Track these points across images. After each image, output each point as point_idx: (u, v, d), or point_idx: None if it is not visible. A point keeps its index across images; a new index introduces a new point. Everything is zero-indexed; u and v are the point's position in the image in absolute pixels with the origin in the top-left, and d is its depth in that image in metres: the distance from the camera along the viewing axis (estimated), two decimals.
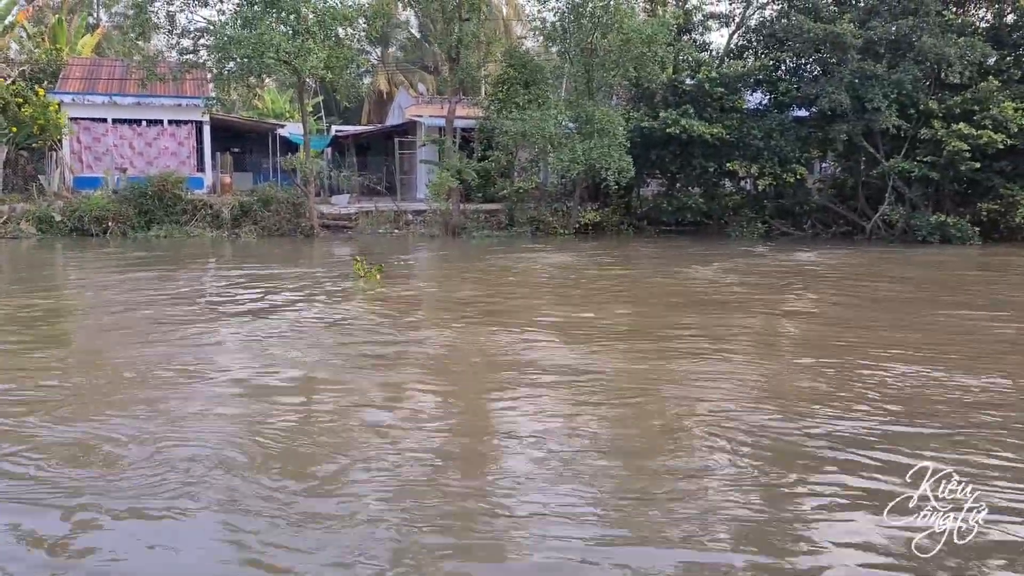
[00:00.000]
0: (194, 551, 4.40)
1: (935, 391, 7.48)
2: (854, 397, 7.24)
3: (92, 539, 4.57)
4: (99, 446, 5.83)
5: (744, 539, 4.53)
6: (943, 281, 16.81)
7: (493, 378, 8.10)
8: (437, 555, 4.35)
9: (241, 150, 34.59)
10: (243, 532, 4.58)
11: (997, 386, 7.68)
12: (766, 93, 27.06)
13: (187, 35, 23.28)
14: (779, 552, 4.39)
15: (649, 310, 12.48)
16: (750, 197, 27.88)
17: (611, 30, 24.25)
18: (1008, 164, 23.68)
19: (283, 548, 4.39)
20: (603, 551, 4.39)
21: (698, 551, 4.43)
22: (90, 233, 23.74)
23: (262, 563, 4.27)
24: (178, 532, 4.58)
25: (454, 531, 4.63)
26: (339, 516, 4.75)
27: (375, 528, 4.61)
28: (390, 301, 12.87)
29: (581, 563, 4.27)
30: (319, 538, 4.49)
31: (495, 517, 4.83)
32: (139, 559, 4.34)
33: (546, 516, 4.78)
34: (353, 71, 27.37)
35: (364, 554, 4.33)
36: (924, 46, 23.44)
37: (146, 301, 12.58)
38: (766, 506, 4.94)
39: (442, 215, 25.90)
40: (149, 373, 7.89)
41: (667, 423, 6.59)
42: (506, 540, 4.58)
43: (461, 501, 5.01)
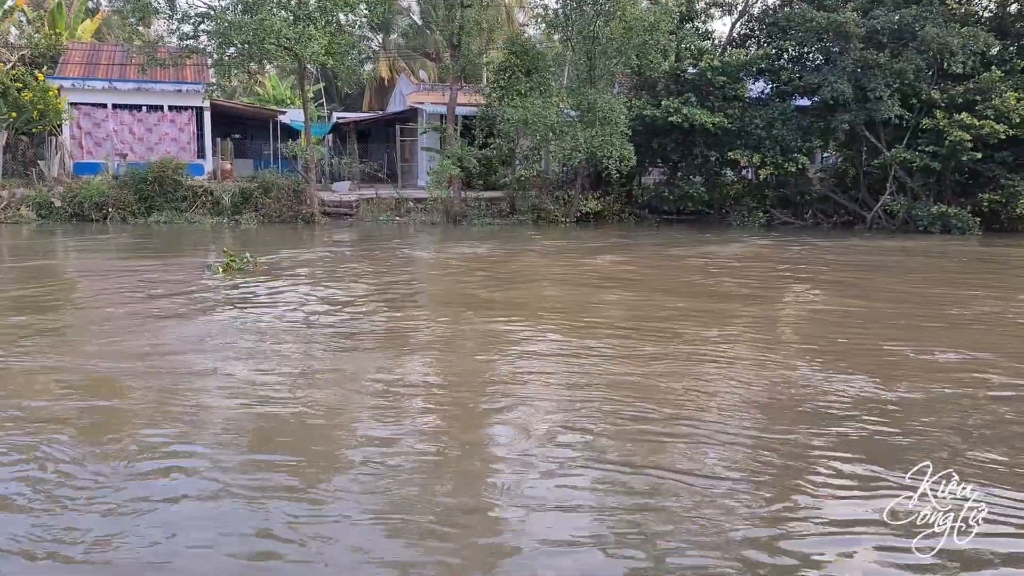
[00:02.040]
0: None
1: (934, 390, 7.49)
2: (850, 391, 7.25)
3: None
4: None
5: (739, 539, 4.51)
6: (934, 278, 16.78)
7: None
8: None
9: (242, 136, 34.51)
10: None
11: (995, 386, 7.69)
12: (768, 82, 27.00)
13: (187, 20, 23.16)
14: (778, 553, 4.37)
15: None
16: (751, 186, 27.85)
17: (613, 18, 24.17)
18: (1010, 155, 23.64)
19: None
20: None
21: (689, 541, 4.45)
22: (90, 219, 23.72)
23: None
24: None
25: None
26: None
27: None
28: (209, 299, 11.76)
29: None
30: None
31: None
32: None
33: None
34: (354, 57, 27.30)
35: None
36: (927, 36, 23.37)
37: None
38: (765, 507, 4.92)
39: (443, 203, 25.87)
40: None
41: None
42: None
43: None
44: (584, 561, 4.22)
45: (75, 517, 4.57)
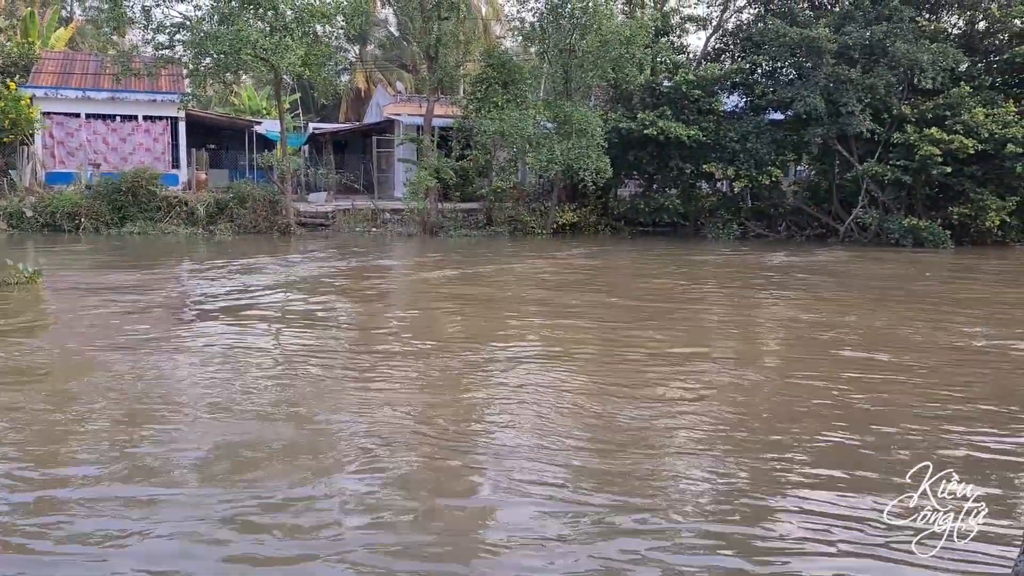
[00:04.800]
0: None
1: (932, 389, 7.58)
2: (849, 393, 7.33)
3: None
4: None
5: (737, 541, 4.54)
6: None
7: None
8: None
9: (217, 147, 34.29)
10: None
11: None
12: (742, 96, 27.28)
13: (163, 30, 23.02)
14: (776, 553, 4.41)
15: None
16: (726, 199, 28.08)
17: (590, 31, 24.33)
18: (978, 169, 24.03)
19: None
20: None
21: (680, 544, 4.47)
22: (62, 229, 23.45)
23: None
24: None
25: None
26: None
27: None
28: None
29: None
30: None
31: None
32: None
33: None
34: (331, 68, 27.20)
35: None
36: (898, 52, 23.75)
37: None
38: (763, 507, 4.96)
39: (420, 214, 25.84)
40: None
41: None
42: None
43: None
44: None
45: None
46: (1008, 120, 23.55)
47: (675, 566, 4.28)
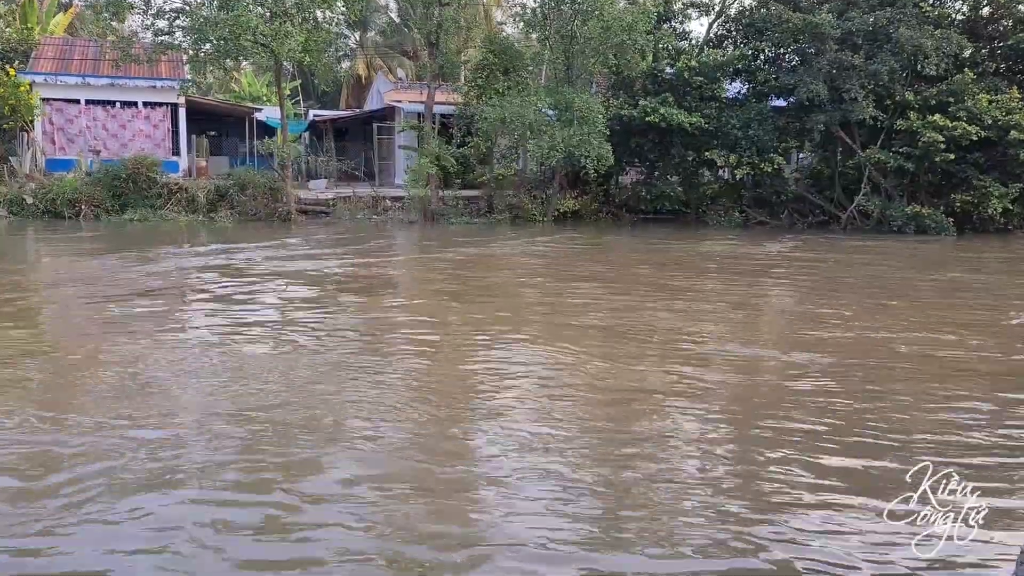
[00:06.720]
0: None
1: (932, 388, 7.55)
2: (846, 392, 7.30)
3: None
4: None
5: (736, 543, 4.51)
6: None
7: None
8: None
9: (217, 134, 34.18)
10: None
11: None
12: (745, 82, 27.14)
13: (162, 16, 22.94)
14: (775, 554, 4.39)
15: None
16: (728, 186, 27.99)
17: (591, 17, 24.19)
18: (982, 156, 23.95)
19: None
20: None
21: (680, 545, 4.45)
22: (62, 216, 23.40)
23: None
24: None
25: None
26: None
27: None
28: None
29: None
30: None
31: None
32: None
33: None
34: (332, 55, 27.16)
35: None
36: (901, 37, 23.61)
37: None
38: (761, 507, 4.93)
39: (420, 201, 25.76)
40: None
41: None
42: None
43: None
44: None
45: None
46: (1012, 107, 23.47)
47: (676, 568, 4.27)
